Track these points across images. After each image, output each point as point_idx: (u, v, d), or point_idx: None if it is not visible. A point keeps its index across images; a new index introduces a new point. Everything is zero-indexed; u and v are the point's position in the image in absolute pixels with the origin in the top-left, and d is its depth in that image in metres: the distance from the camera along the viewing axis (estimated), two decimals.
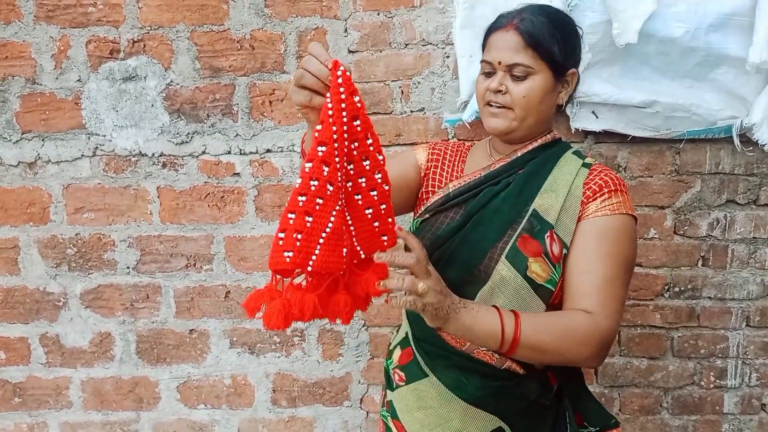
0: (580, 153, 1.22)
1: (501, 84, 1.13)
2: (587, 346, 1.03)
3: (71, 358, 1.89)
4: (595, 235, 1.10)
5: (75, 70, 1.74)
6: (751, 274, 1.78)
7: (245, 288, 1.84)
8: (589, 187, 1.13)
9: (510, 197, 1.14)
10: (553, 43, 1.11)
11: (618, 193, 1.13)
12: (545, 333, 1.02)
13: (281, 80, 1.73)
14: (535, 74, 1.12)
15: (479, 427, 1.14)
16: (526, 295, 1.10)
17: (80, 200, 1.80)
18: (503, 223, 1.13)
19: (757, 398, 1.87)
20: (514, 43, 1.11)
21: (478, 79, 1.19)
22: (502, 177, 1.18)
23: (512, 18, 1.14)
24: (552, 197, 1.12)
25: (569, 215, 1.11)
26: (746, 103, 1.63)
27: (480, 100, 1.19)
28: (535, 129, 1.18)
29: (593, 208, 1.12)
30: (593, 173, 1.16)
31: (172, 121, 1.75)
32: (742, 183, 1.74)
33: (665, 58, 1.62)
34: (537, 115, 1.15)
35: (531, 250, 1.09)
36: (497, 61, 1.13)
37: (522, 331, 1.00)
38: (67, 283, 1.85)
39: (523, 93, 1.12)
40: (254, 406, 1.91)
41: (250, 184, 1.78)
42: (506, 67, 1.12)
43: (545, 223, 1.10)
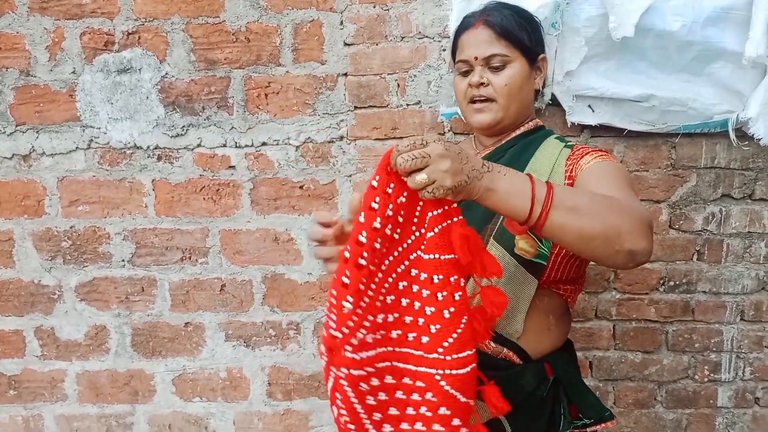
0: (562, 138, 1.24)
1: (482, 76, 1.17)
2: (629, 216, 0.91)
3: (66, 351, 1.89)
4: (595, 176, 1.08)
5: (69, 62, 1.73)
6: (746, 268, 1.79)
7: (240, 281, 1.83)
8: (572, 161, 1.14)
9: None
10: (522, 31, 1.18)
11: (604, 155, 1.13)
12: (581, 196, 0.92)
13: (277, 73, 1.72)
14: (512, 62, 1.17)
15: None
16: (517, 273, 1.12)
17: (75, 193, 1.79)
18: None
19: (750, 392, 1.87)
20: (487, 36, 1.17)
21: (455, 81, 1.24)
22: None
23: (478, 16, 1.21)
24: (536, 176, 1.11)
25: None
26: (742, 98, 1.63)
27: (462, 100, 1.23)
28: (518, 117, 1.22)
29: (582, 164, 1.11)
30: (575, 152, 1.17)
31: (167, 113, 1.75)
32: (737, 177, 1.74)
33: (662, 52, 1.61)
34: (519, 102, 1.20)
35: (517, 228, 1.07)
36: (473, 57, 1.18)
37: (555, 189, 0.89)
38: (62, 275, 1.84)
39: (504, 81, 1.17)
40: (250, 399, 1.91)
41: (246, 177, 1.78)
42: (483, 61, 1.17)
43: None
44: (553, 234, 0.89)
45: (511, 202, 0.87)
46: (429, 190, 0.82)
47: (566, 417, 1.17)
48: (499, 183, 0.86)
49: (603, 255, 0.91)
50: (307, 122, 1.74)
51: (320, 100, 1.73)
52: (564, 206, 0.87)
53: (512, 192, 0.86)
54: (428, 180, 0.81)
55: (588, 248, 0.90)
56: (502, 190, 0.86)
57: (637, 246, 0.90)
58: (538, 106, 1.69)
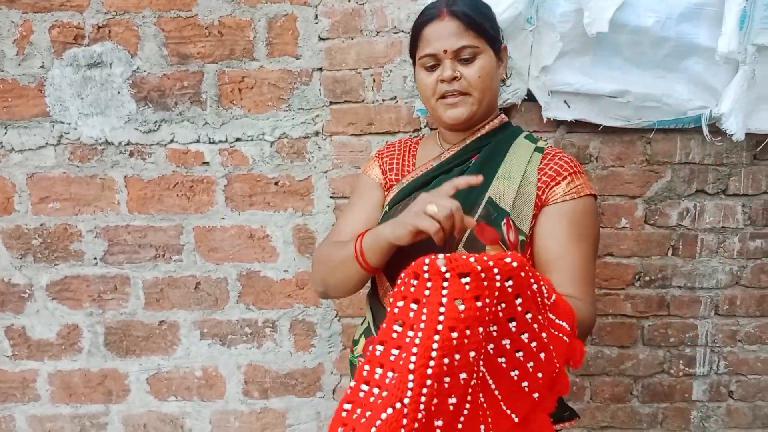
0: (532, 137, 1.23)
1: (454, 70, 1.12)
2: (587, 335, 1.12)
3: (38, 350, 1.85)
4: (564, 220, 1.11)
5: (38, 56, 1.69)
6: (720, 263, 1.80)
7: (215, 279, 1.81)
8: (544, 173, 1.14)
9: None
10: (486, 20, 1.15)
11: (577, 175, 1.14)
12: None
13: (251, 68, 1.70)
14: (482, 53, 1.14)
15: None
16: None
17: (45, 190, 1.76)
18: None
19: (725, 386, 1.89)
20: (455, 28, 1.12)
21: (421, 77, 1.17)
22: (453, 164, 1.18)
23: (442, 6, 1.14)
24: (506, 184, 1.12)
25: (525, 202, 1.12)
26: (716, 94, 1.64)
27: (431, 97, 1.16)
28: (489, 110, 1.19)
29: (557, 193, 1.12)
30: (546, 158, 1.17)
31: (139, 109, 1.72)
32: (711, 173, 1.75)
33: (636, 48, 1.61)
34: (491, 93, 1.17)
35: (488, 237, 1.07)
36: (443, 50, 1.12)
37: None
38: (32, 274, 1.81)
39: (478, 73, 1.13)
40: (226, 398, 1.89)
41: (220, 174, 1.75)
42: (453, 54, 1.12)
43: (501, 211, 1.10)
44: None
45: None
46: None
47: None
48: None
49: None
50: (282, 117, 1.72)
51: (295, 96, 1.71)
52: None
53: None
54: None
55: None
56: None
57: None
58: (514, 101, 1.69)
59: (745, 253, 1.79)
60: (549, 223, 1.12)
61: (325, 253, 1.20)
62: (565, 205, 1.12)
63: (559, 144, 1.72)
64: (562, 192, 1.12)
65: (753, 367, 1.88)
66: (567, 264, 1.09)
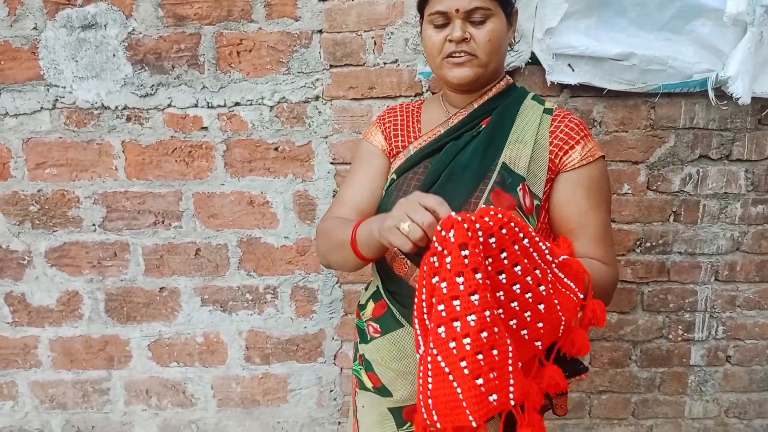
0: (538, 98, 1.21)
1: (465, 31, 1.08)
2: (611, 294, 1.14)
3: (38, 317, 1.85)
4: (581, 188, 1.12)
5: (30, 17, 1.65)
6: (721, 229, 1.80)
7: (215, 245, 1.80)
8: (555, 136, 1.13)
9: (478, 151, 1.12)
10: None
11: (588, 138, 1.14)
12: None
13: (249, 30, 1.66)
14: (493, 16, 1.10)
15: None
16: None
17: (41, 155, 1.74)
18: (474, 178, 1.11)
19: (722, 350, 1.91)
20: None
21: (428, 34, 1.13)
22: (463, 131, 1.15)
23: None
24: (520, 148, 1.11)
25: (538, 165, 1.11)
26: (722, 56, 1.61)
27: (436, 55, 1.12)
28: (495, 74, 1.17)
29: (574, 159, 1.12)
30: (556, 120, 1.16)
31: (136, 72, 1.69)
32: (715, 138, 1.73)
33: (642, 9, 1.59)
34: (498, 58, 1.14)
35: (505, 203, 1.08)
36: (455, 9, 1.08)
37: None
38: (30, 240, 1.79)
39: (488, 36, 1.09)
40: (227, 363, 1.90)
41: (219, 139, 1.73)
42: (464, 14, 1.08)
43: (516, 176, 1.09)
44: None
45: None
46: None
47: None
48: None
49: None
50: (281, 81, 1.69)
51: (294, 59, 1.68)
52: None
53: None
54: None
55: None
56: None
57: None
58: (518, 65, 1.66)
59: (746, 219, 1.79)
60: (567, 190, 1.12)
61: (327, 229, 1.19)
62: (582, 172, 1.12)
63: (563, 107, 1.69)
64: (578, 158, 1.12)
65: (751, 332, 1.89)
66: (589, 231, 1.11)
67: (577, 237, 1.11)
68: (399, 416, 1.22)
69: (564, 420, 1.95)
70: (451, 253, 0.82)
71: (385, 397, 1.23)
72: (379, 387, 1.23)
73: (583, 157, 1.12)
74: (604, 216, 1.14)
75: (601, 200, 1.14)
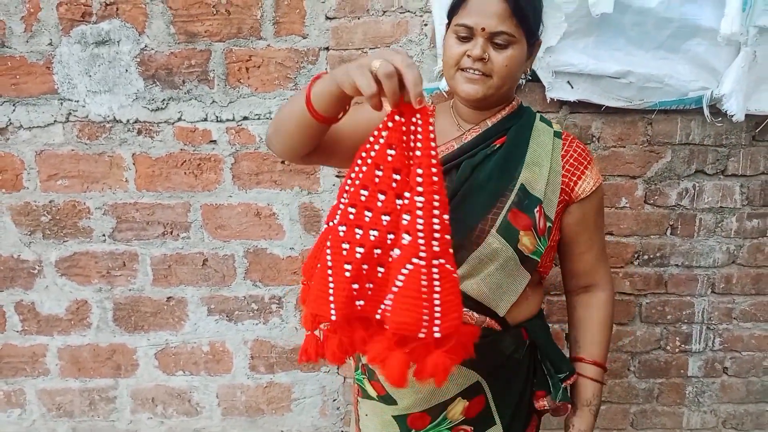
0: (545, 119, 1.26)
1: (485, 51, 1.09)
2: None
3: (47, 325, 1.88)
4: (592, 213, 1.24)
5: (46, 34, 1.70)
6: (717, 242, 1.84)
7: (222, 256, 1.84)
8: (566, 161, 1.20)
9: (496, 171, 1.16)
10: (531, 12, 1.12)
11: (592, 163, 1.23)
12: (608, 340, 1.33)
13: (258, 46, 1.71)
14: (516, 43, 1.10)
15: (458, 383, 1.19)
16: (513, 266, 1.15)
17: (54, 167, 1.78)
18: (491, 197, 1.15)
19: (719, 362, 1.94)
20: (501, 10, 1.07)
21: (450, 43, 1.13)
22: (478, 149, 1.18)
23: None
24: (537, 171, 1.16)
25: (552, 189, 1.17)
26: (717, 75, 1.66)
27: (452, 65, 1.13)
28: (505, 96, 1.20)
29: (585, 189, 1.21)
30: (565, 144, 1.22)
31: (147, 86, 1.73)
32: (711, 154, 1.78)
33: (640, 28, 1.63)
34: (511, 83, 1.16)
35: (522, 223, 1.14)
36: (481, 27, 1.08)
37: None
38: (41, 250, 1.83)
39: (505, 62, 1.10)
40: (233, 372, 1.93)
41: (227, 152, 1.77)
42: (489, 35, 1.08)
43: (534, 198, 1.15)
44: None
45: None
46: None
47: (553, 377, 1.23)
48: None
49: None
50: (288, 96, 1.74)
51: (302, 74, 1.72)
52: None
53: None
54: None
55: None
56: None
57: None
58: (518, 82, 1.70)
59: (742, 233, 1.83)
60: (581, 217, 1.23)
61: (283, 105, 1.17)
62: (592, 199, 1.22)
63: (562, 124, 1.74)
64: (589, 187, 1.20)
65: (747, 344, 1.93)
66: (594, 251, 1.27)
67: (585, 257, 1.26)
68: (403, 424, 1.25)
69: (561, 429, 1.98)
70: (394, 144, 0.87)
71: (390, 405, 1.26)
72: (384, 395, 1.26)
73: (593, 185, 1.21)
74: (603, 235, 1.30)
75: (602, 222, 1.30)
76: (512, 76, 1.14)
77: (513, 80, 1.16)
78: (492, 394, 1.23)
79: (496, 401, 1.23)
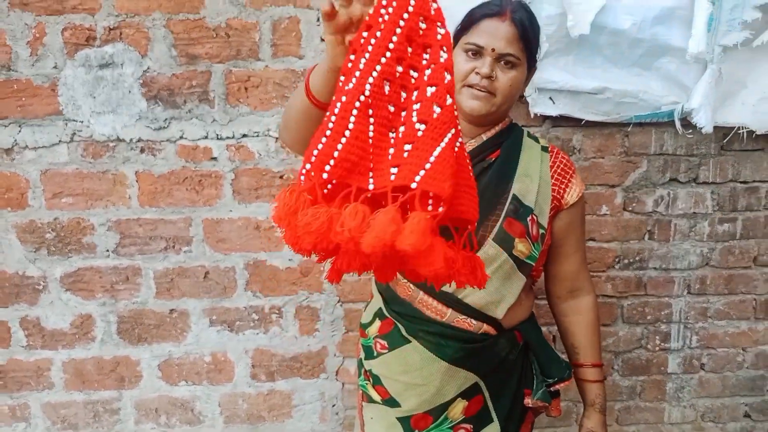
0: (532, 135, 1.37)
1: (493, 70, 1.18)
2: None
3: (52, 340, 1.93)
4: (578, 219, 1.36)
5: (51, 57, 1.76)
6: (692, 246, 1.96)
7: (223, 268, 1.91)
8: (555, 171, 1.32)
9: (492, 182, 1.26)
10: (534, 39, 1.23)
11: (576, 174, 1.34)
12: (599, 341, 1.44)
13: (256, 67, 1.80)
14: (520, 66, 1.21)
15: (458, 384, 1.27)
16: (510, 270, 1.25)
17: (58, 185, 1.83)
18: (487, 208, 1.24)
19: (697, 359, 2.06)
20: (510, 34, 1.17)
21: (458, 60, 1.20)
22: (475, 161, 1.27)
23: (504, 7, 1.19)
24: (528, 182, 1.27)
25: (544, 199, 1.28)
26: (687, 90, 1.79)
27: (460, 80, 1.20)
28: (503, 114, 1.30)
29: (572, 197, 1.32)
30: (552, 156, 1.33)
31: (150, 107, 1.80)
32: (683, 163, 1.90)
33: (615, 48, 1.76)
34: (511, 102, 1.26)
35: (516, 231, 1.25)
36: (491, 48, 1.17)
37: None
38: (46, 266, 1.88)
39: (510, 82, 1.20)
40: (234, 381, 1.99)
41: (227, 168, 1.85)
42: (498, 55, 1.18)
43: (526, 207, 1.25)
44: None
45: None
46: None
47: (538, 377, 1.32)
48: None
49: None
50: None
51: None
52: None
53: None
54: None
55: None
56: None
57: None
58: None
59: (714, 236, 1.96)
60: (569, 223, 1.35)
61: (289, 99, 1.19)
62: (576, 207, 1.34)
63: (545, 136, 1.85)
64: (574, 196, 1.32)
65: (722, 341, 2.05)
66: (579, 255, 1.40)
67: (572, 259, 1.37)
68: (407, 425, 1.33)
69: (553, 427, 2.07)
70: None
71: (394, 407, 1.34)
72: (388, 399, 1.34)
73: (577, 193, 1.32)
74: (584, 244, 1.44)
75: (583, 231, 1.42)
76: (513, 96, 1.24)
77: (512, 100, 1.26)
78: (489, 394, 1.32)
79: (493, 400, 1.32)
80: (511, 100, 1.26)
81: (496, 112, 1.24)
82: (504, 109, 1.26)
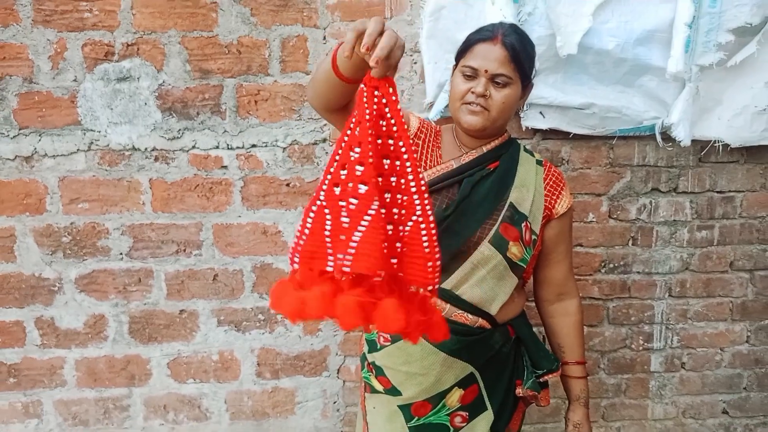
0: (527, 150, 1.49)
1: (486, 89, 1.30)
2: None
3: (66, 339, 2.01)
4: (567, 227, 1.48)
5: (71, 71, 1.86)
6: (672, 251, 2.09)
7: (232, 271, 2.01)
8: (548, 183, 1.44)
9: (492, 190, 1.38)
10: (526, 59, 1.34)
11: (566, 187, 1.47)
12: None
13: (266, 82, 1.91)
14: (512, 84, 1.32)
15: (455, 374, 1.39)
16: (503, 270, 1.37)
17: (75, 191, 1.93)
18: (485, 213, 1.36)
19: (678, 358, 2.18)
20: (502, 56, 1.29)
21: (457, 81, 1.34)
22: (475, 170, 1.39)
23: (498, 32, 1.32)
24: (524, 192, 1.39)
25: (537, 208, 1.40)
26: (667, 106, 1.93)
27: (457, 99, 1.33)
28: (498, 129, 1.41)
29: (563, 207, 1.44)
30: (545, 169, 1.46)
31: (164, 118, 1.91)
32: (664, 174, 2.04)
33: (600, 67, 1.88)
34: (506, 117, 1.38)
35: (511, 235, 1.37)
36: (484, 69, 1.30)
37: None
38: (62, 269, 1.97)
39: (503, 99, 1.32)
40: (240, 379, 2.09)
41: (237, 176, 1.96)
42: (490, 76, 1.30)
43: (521, 215, 1.37)
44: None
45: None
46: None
47: (528, 368, 1.43)
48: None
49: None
50: (293, 126, 1.93)
51: (305, 107, 1.93)
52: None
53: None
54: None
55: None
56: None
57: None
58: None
59: (693, 243, 2.09)
60: (559, 231, 1.47)
61: (319, 62, 1.32)
62: (565, 217, 1.46)
63: (536, 148, 1.98)
64: (564, 206, 1.44)
65: (701, 341, 2.18)
66: (567, 262, 1.52)
67: (560, 266, 1.49)
68: (408, 411, 1.44)
69: (542, 424, 2.19)
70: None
71: (395, 396, 1.45)
72: (390, 388, 1.45)
73: (568, 205, 1.45)
74: (571, 251, 1.55)
75: (571, 239, 1.54)
76: (507, 111, 1.35)
77: (507, 115, 1.37)
78: (484, 384, 1.43)
79: (488, 390, 1.44)
80: (506, 115, 1.37)
81: (492, 126, 1.35)
82: (500, 123, 1.37)
